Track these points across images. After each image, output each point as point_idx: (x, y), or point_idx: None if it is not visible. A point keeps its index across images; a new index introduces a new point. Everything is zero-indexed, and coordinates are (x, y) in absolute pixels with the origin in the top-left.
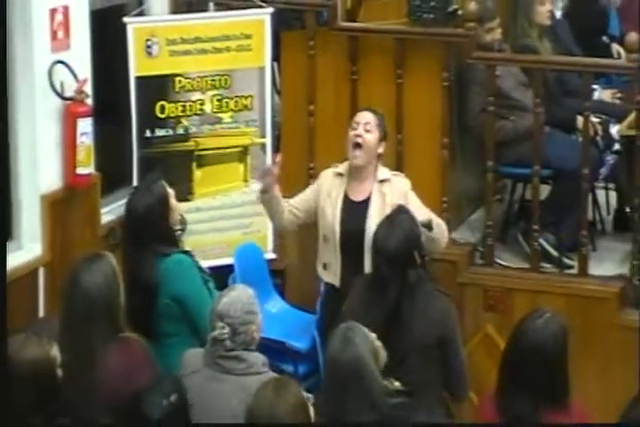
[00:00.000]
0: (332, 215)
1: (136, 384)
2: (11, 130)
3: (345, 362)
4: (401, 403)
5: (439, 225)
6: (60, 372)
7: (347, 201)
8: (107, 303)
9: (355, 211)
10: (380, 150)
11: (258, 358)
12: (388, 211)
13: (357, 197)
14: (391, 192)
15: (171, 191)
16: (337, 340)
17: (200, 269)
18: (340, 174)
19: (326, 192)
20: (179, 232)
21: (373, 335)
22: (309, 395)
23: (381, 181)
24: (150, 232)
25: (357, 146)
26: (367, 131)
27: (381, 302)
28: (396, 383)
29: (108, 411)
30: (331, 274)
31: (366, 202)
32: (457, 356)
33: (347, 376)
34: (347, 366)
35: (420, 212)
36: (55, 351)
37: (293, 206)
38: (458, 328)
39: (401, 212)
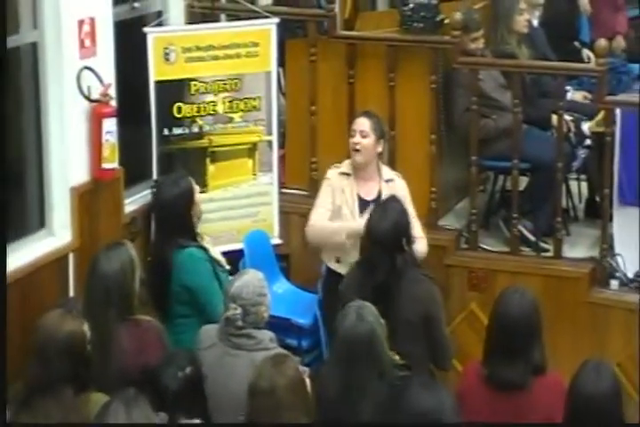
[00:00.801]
0: (351, 213)
1: (145, 361)
2: (43, 129)
3: (359, 335)
4: (404, 376)
5: (424, 250)
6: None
7: (360, 199)
8: (121, 288)
9: (369, 209)
10: (379, 149)
11: (266, 335)
12: None
13: (368, 195)
14: (396, 191)
15: (196, 187)
16: (351, 316)
17: (214, 261)
18: (345, 174)
19: (339, 190)
20: (196, 222)
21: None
22: (306, 368)
23: (387, 181)
24: (173, 221)
25: (356, 151)
26: (364, 137)
27: (372, 283)
28: (396, 357)
29: (123, 382)
30: (345, 267)
31: (378, 200)
32: (441, 332)
33: (360, 348)
34: (361, 339)
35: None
36: (86, 327)
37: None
38: (441, 308)
39: (393, 201)
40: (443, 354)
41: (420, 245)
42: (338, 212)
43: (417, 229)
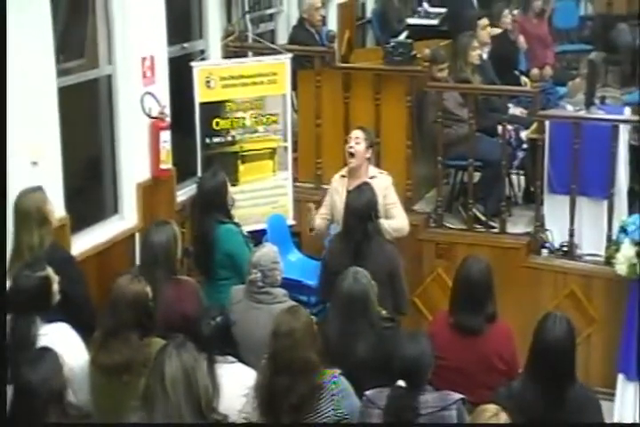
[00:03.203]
0: (341, 206)
1: (185, 310)
2: (115, 139)
3: (356, 293)
4: (389, 327)
5: (403, 227)
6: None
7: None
8: (166, 255)
9: None
10: (368, 155)
11: (280, 292)
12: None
13: None
14: (377, 186)
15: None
16: (349, 278)
17: (244, 235)
18: (343, 176)
19: (335, 190)
20: (230, 207)
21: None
22: (314, 317)
23: (371, 178)
24: (212, 204)
25: (351, 155)
26: (357, 143)
27: (349, 247)
28: (384, 312)
29: (166, 329)
30: None
31: None
32: (401, 284)
33: (356, 303)
34: (357, 296)
35: (393, 206)
36: (148, 288)
37: (325, 213)
38: (401, 265)
39: (365, 185)
40: (402, 301)
41: (401, 221)
42: (334, 205)
43: (400, 212)
